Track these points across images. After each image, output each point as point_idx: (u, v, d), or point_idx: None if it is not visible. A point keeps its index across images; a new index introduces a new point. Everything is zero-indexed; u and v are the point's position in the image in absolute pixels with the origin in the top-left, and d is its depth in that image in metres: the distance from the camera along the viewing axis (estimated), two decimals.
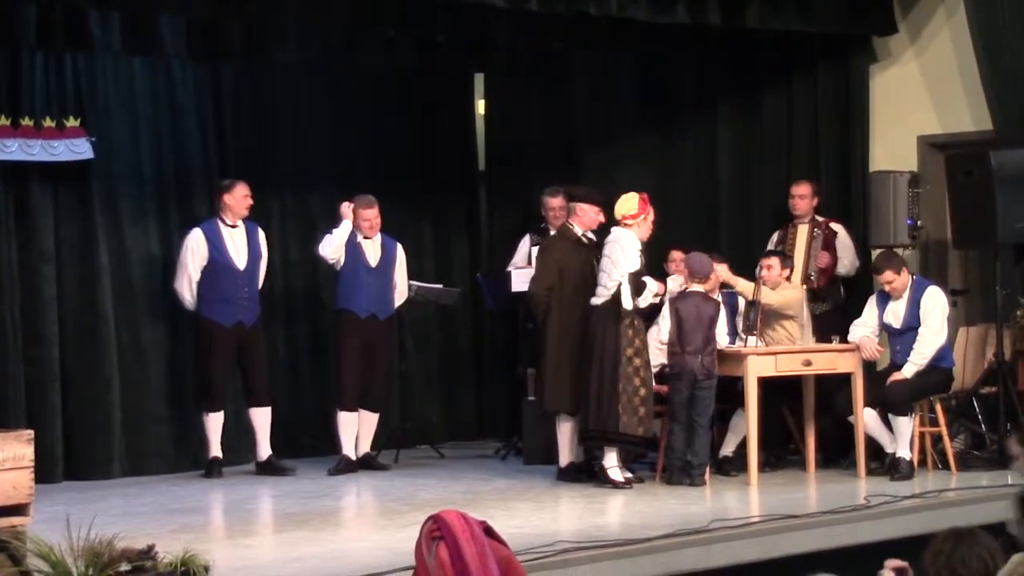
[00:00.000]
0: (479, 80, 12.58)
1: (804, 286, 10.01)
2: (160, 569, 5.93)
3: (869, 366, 9.55)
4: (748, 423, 9.17)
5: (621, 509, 8.59)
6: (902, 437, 9.24)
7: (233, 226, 10.15)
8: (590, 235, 9.54)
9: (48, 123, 9.96)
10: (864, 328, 9.46)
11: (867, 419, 9.33)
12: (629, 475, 9.39)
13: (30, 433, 7.13)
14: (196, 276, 10.08)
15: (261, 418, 10.21)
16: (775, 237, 10.45)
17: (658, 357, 9.42)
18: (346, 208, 10.22)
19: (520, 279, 10.54)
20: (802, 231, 10.27)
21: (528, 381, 10.71)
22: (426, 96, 12.03)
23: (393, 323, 10.62)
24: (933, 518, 7.83)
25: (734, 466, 9.56)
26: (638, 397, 9.07)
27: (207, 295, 10.09)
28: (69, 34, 9.68)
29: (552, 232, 10.68)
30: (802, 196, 10.32)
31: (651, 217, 9.28)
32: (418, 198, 12.00)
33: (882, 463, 9.41)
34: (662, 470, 9.50)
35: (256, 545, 7.70)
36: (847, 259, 10.30)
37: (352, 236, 10.34)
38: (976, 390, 9.78)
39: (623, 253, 9.12)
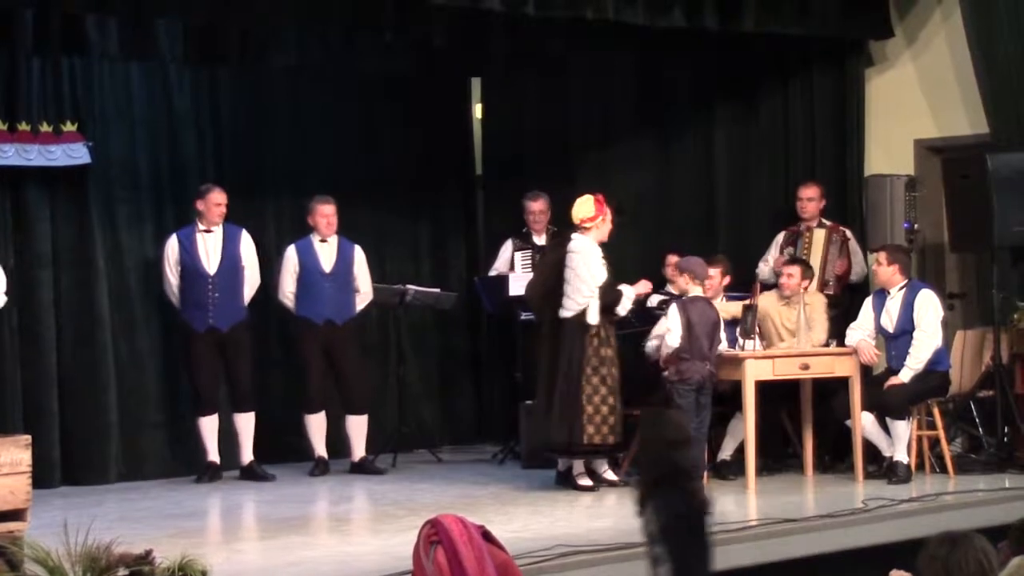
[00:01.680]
0: (476, 84, 12.59)
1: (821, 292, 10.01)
2: (158, 574, 5.92)
3: (866, 370, 9.55)
4: (746, 427, 9.16)
5: (619, 513, 8.58)
6: (900, 441, 9.23)
7: (208, 231, 10.15)
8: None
9: (45, 128, 9.96)
10: (860, 332, 9.46)
11: (865, 423, 9.33)
12: (615, 477, 9.41)
13: (27, 438, 7.12)
14: (175, 280, 10.11)
15: (243, 424, 10.20)
16: (780, 238, 10.39)
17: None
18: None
19: (518, 283, 10.54)
20: (819, 236, 10.23)
21: (525, 385, 10.72)
22: (423, 100, 12.02)
23: (353, 327, 10.58)
24: (931, 522, 7.82)
25: (732, 470, 9.55)
26: (607, 406, 9.07)
27: (184, 300, 10.13)
28: (66, 39, 9.68)
29: (535, 237, 10.70)
30: (810, 199, 10.29)
31: (609, 218, 9.24)
32: (415, 202, 12.01)
33: (880, 467, 9.40)
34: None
35: (254, 550, 7.69)
36: (857, 266, 10.29)
37: (308, 242, 10.37)
38: (974, 394, 9.78)
39: (587, 266, 9.12)
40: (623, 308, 9.22)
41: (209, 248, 10.14)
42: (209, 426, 10.12)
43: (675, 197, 11.39)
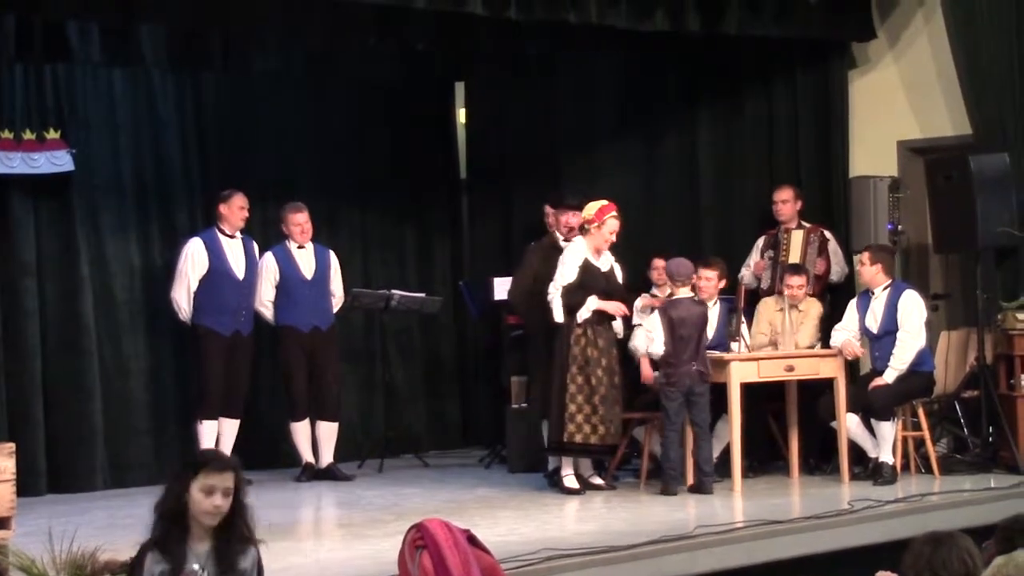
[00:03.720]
0: (460, 88, 12.59)
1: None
2: None
3: (852, 372, 9.56)
4: (732, 429, 9.17)
5: (606, 516, 8.59)
6: (885, 442, 9.25)
7: (231, 236, 10.16)
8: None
9: (28, 135, 9.94)
10: (845, 332, 9.47)
11: (850, 424, 9.35)
12: (600, 482, 9.41)
13: (11, 446, 7.12)
14: (194, 286, 10.07)
15: (228, 428, 10.18)
16: (760, 242, 10.44)
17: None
18: None
19: (502, 287, 10.56)
20: (796, 237, 10.24)
21: (512, 389, 10.72)
22: (407, 105, 12.03)
23: (336, 332, 10.61)
24: (916, 522, 7.83)
25: (718, 472, 9.55)
26: (589, 406, 9.07)
27: (206, 305, 10.06)
28: (48, 46, 9.67)
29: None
30: (784, 201, 10.32)
31: (609, 227, 9.19)
32: (400, 207, 12.00)
33: (865, 468, 9.42)
34: (647, 477, 9.52)
35: None
36: (837, 266, 10.30)
37: (286, 249, 10.37)
38: (958, 394, 9.79)
39: (562, 265, 9.16)
40: (580, 316, 9.15)
41: (235, 254, 10.17)
42: (212, 431, 10.08)
43: (660, 199, 11.40)
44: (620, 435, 9.33)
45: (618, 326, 9.42)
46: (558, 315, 9.11)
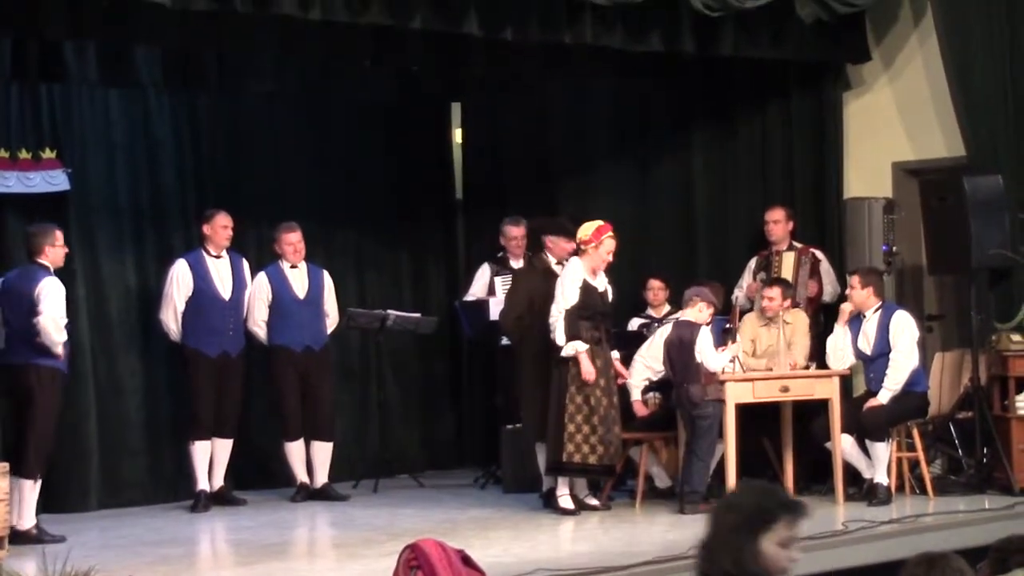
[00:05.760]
0: (455, 109, 12.62)
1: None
2: None
3: (846, 392, 9.57)
4: (726, 450, 9.16)
5: (600, 536, 8.59)
6: (879, 463, 9.25)
7: (217, 256, 10.16)
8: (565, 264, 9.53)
9: (24, 155, 9.95)
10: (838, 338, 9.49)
11: (844, 445, 9.35)
12: (595, 502, 9.41)
13: (5, 466, 7.11)
14: (181, 307, 10.07)
15: (222, 449, 10.17)
16: (752, 264, 10.47)
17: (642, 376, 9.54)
18: None
19: (497, 307, 10.56)
20: (788, 259, 10.27)
21: (508, 409, 10.72)
22: (403, 126, 12.05)
23: (329, 352, 10.62)
24: (911, 543, 7.83)
25: (713, 493, 9.54)
26: (588, 426, 9.06)
27: (193, 326, 10.06)
28: (44, 65, 9.69)
29: (512, 261, 10.72)
30: (776, 221, 10.35)
31: (606, 247, 9.18)
32: (395, 227, 12.01)
33: (860, 489, 9.42)
34: (642, 498, 9.52)
35: None
36: (830, 286, 10.32)
37: (279, 268, 10.38)
38: (953, 415, 9.81)
39: (562, 287, 9.14)
40: (564, 351, 9.11)
41: (222, 274, 10.16)
42: (204, 452, 10.06)
43: (655, 220, 11.42)
44: (619, 456, 9.32)
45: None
46: (560, 339, 9.09)
